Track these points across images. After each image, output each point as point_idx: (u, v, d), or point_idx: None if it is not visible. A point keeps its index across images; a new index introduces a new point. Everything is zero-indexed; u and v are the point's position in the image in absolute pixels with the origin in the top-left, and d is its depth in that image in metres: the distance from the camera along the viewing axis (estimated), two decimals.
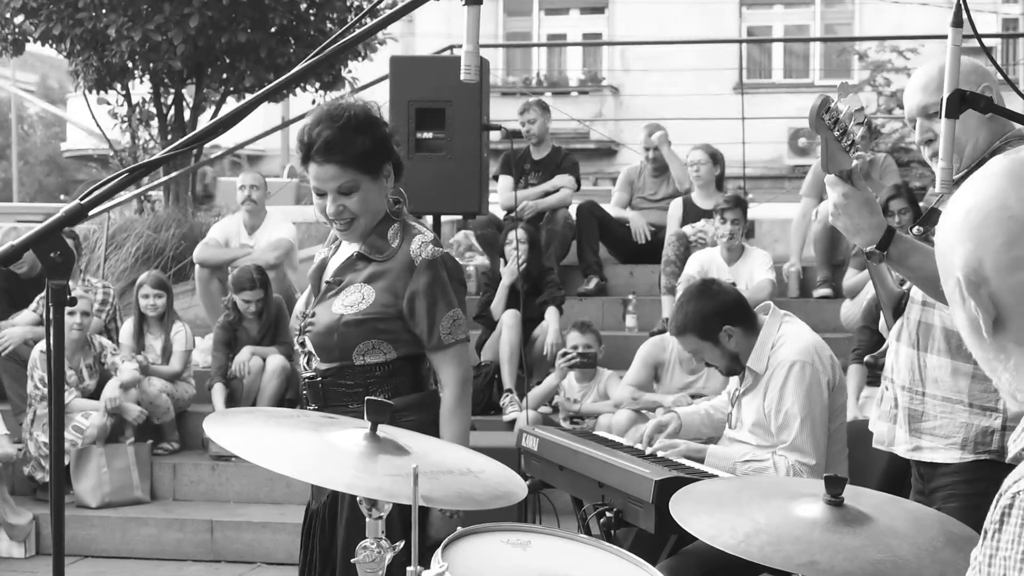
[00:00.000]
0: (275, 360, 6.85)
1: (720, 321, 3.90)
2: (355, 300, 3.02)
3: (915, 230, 2.92)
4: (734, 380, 4.07)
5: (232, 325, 7.05)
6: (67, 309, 6.66)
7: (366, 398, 2.26)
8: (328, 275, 3.14)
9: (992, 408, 2.69)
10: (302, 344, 3.11)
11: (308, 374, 3.11)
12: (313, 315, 3.08)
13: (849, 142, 2.57)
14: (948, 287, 1.39)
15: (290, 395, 6.85)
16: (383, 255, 3.04)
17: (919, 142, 2.91)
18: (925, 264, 2.63)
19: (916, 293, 2.85)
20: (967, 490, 2.68)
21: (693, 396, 5.92)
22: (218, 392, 6.86)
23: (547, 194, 8.16)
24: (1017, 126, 2.86)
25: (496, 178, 8.02)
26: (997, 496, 1.34)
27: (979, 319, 1.34)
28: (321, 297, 3.11)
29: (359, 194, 2.99)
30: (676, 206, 7.92)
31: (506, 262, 7.17)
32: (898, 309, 2.91)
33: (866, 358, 5.82)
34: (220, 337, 7.06)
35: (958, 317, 1.38)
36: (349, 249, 3.13)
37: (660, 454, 3.81)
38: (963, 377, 2.73)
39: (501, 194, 8.11)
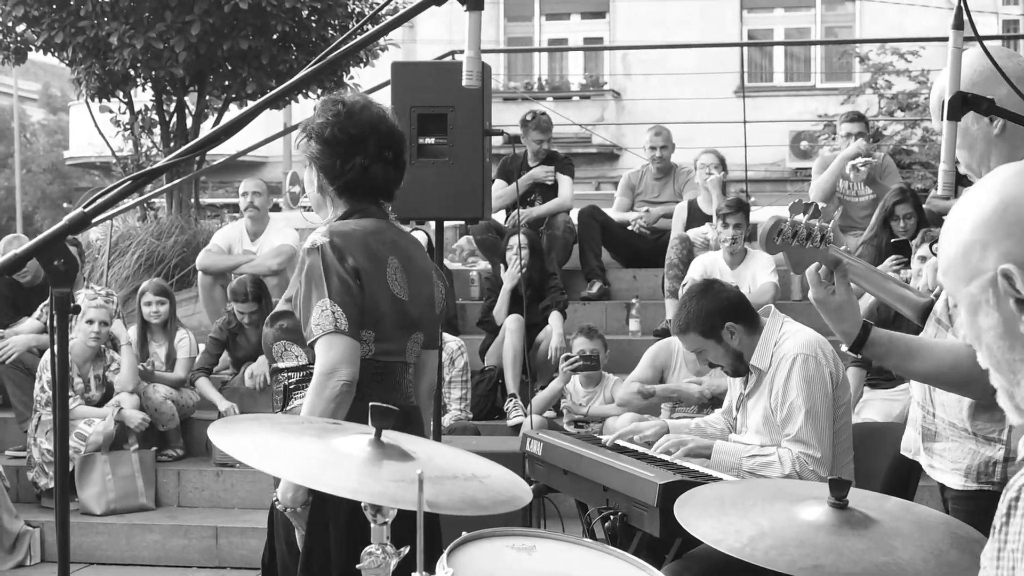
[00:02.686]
0: None
1: (722, 318, 3.90)
2: (283, 298, 3.05)
3: (933, 248, 2.89)
4: (737, 386, 4.06)
5: (232, 331, 7.13)
6: (87, 318, 6.68)
7: (370, 403, 2.26)
8: None
9: (995, 439, 2.63)
10: None
11: None
12: None
13: (819, 238, 2.56)
14: (969, 289, 1.35)
15: None
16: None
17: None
18: (904, 365, 2.64)
19: (938, 307, 2.80)
20: (972, 507, 2.65)
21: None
22: (205, 384, 7.02)
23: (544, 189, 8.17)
24: None
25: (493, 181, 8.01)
26: (1004, 491, 1.33)
27: (1019, 316, 1.30)
28: None
29: (304, 169, 3.09)
30: (681, 210, 7.92)
31: (507, 267, 7.17)
32: (925, 317, 2.84)
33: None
34: (217, 336, 7.20)
35: (985, 322, 1.34)
36: None
37: (669, 449, 3.82)
38: (968, 405, 2.66)
39: (495, 196, 8.06)
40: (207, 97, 10.52)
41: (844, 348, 2.64)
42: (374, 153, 3.01)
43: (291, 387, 3.00)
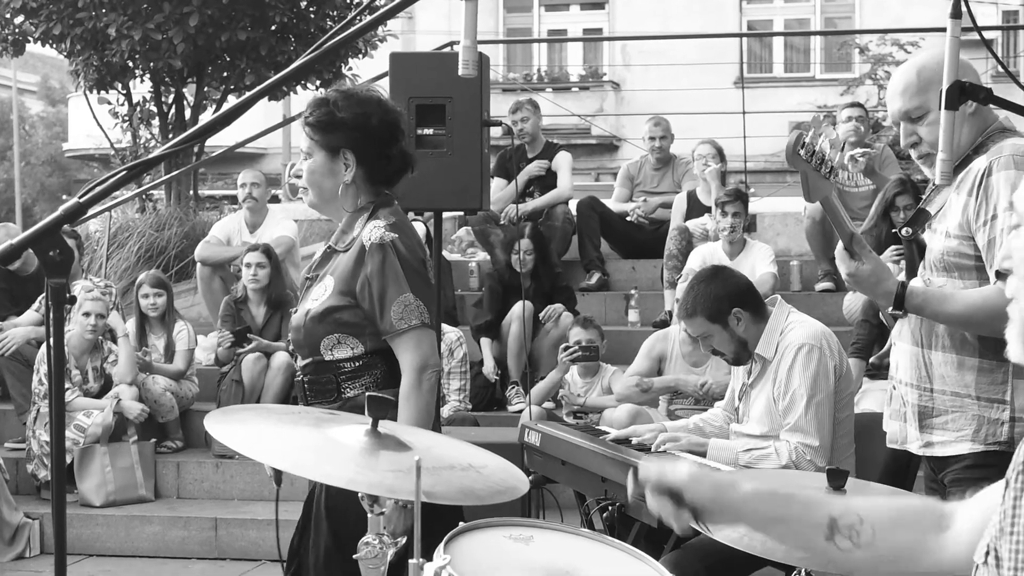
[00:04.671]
0: (280, 357, 6.85)
1: (730, 304, 3.89)
2: (319, 294, 3.02)
3: (904, 232, 2.96)
4: (740, 376, 4.06)
5: (237, 304, 7.08)
6: (83, 311, 6.67)
7: (367, 394, 2.26)
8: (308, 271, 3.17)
9: (999, 400, 2.72)
10: (290, 341, 3.15)
11: (296, 372, 3.16)
12: (295, 312, 3.11)
13: (828, 169, 2.60)
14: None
15: (296, 392, 6.85)
16: (344, 246, 3.03)
17: (905, 146, 2.95)
18: (940, 309, 2.76)
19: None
20: (976, 475, 2.70)
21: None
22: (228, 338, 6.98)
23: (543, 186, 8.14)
24: (1000, 118, 2.87)
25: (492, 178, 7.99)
26: (1021, 443, 1.35)
27: None
28: (302, 295, 3.13)
29: (309, 163, 3.03)
30: (680, 201, 7.90)
31: (515, 268, 7.08)
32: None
33: (871, 359, 5.81)
34: (225, 311, 7.12)
35: None
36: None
37: (663, 448, 3.82)
38: (969, 371, 2.75)
39: (494, 195, 8.04)
40: (205, 88, 10.49)
41: (889, 310, 2.75)
42: (400, 140, 3.06)
43: (343, 377, 3.00)
